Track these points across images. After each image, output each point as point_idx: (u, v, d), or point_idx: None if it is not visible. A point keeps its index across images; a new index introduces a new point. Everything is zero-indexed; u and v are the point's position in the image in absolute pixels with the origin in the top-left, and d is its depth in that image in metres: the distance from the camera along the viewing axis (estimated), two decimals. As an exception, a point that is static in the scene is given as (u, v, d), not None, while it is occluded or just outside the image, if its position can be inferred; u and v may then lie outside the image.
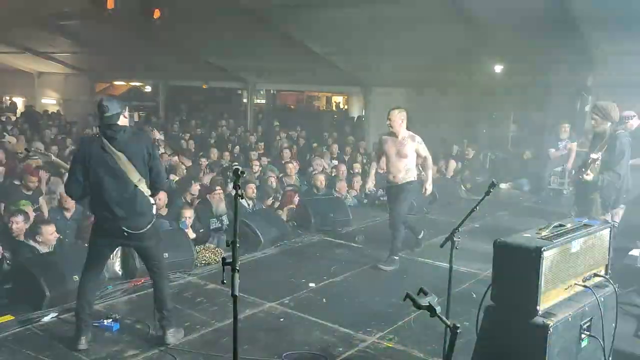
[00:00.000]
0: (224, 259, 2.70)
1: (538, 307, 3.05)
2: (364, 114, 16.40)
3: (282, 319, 5.11)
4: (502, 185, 11.01)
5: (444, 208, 9.39)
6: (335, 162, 11.57)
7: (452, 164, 11.61)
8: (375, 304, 5.44)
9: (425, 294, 2.56)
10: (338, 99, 23.21)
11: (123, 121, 4.32)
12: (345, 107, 22.18)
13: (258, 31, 11.78)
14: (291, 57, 13.18)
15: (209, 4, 10.81)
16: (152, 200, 4.46)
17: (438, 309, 2.54)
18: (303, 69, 14.20)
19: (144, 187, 4.33)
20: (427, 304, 2.53)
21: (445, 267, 3.89)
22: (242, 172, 2.73)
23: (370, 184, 7.09)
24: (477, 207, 3.84)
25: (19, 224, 6.06)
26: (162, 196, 6.95)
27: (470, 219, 3.89)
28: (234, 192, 2.73)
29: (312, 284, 5.96)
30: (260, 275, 6.08)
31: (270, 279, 6.08)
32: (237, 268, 2.66)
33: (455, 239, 3.82)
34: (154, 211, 4.50)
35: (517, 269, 3.13)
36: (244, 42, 13.00)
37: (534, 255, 3.03)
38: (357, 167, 10.61)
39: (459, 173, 11.60)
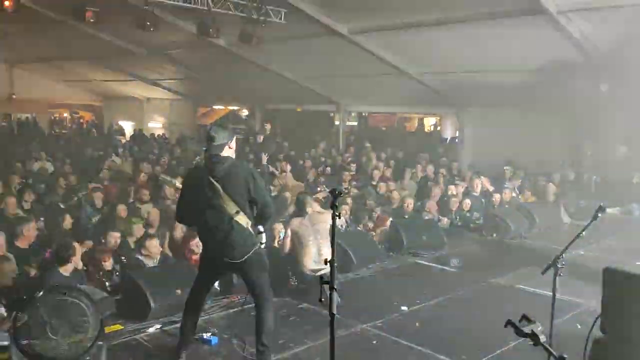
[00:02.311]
0: (321, 277, 2.75)
1: (655, 342, 2.83)
2: (457, 135, 16.06)
3: (374, 342, 5.06)
4: (610, 210, 10.26)
5: (544, 233, 8.94)
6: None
7: (552, 187, 11.04)
8: (471, 330, 5.25)
9: (529, 321, 2.44)
10: (431, 121, 22.91)
11: (227, 152, 4.31)
12: (439, 128, 21.84)
13: (351, 54, 11.97)
14: (383, 79, 13.24)
15: (301, 29, 11.16)
16: (259, 229, 4.44)
17: (542, 337, 2.41)
18: (395, 91, 14.21)
19: (241, 219, 4.29)
20: (531, 332, 2.40)
21: (546, 295, 3.71)
22: (340, 193, 2.77)
23: None
24: (583, 233, 3.65)
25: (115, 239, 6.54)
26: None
27: (574, 245, 3.69)
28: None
29: (404, 307, 5.88)
30: (352, 296, 6.07)
31: (362, 301, 6.07)
32: (336, 287, 2.69)
33: (559, 265, 3.64)
34: (260, 241, 4.46)
35: (631, 299, 2.92)
36: (336, 65, 13.25)
37: (650, 285, 2.83)
38: (452, 189, 10.38)
39: (560, 197, 11.00)
